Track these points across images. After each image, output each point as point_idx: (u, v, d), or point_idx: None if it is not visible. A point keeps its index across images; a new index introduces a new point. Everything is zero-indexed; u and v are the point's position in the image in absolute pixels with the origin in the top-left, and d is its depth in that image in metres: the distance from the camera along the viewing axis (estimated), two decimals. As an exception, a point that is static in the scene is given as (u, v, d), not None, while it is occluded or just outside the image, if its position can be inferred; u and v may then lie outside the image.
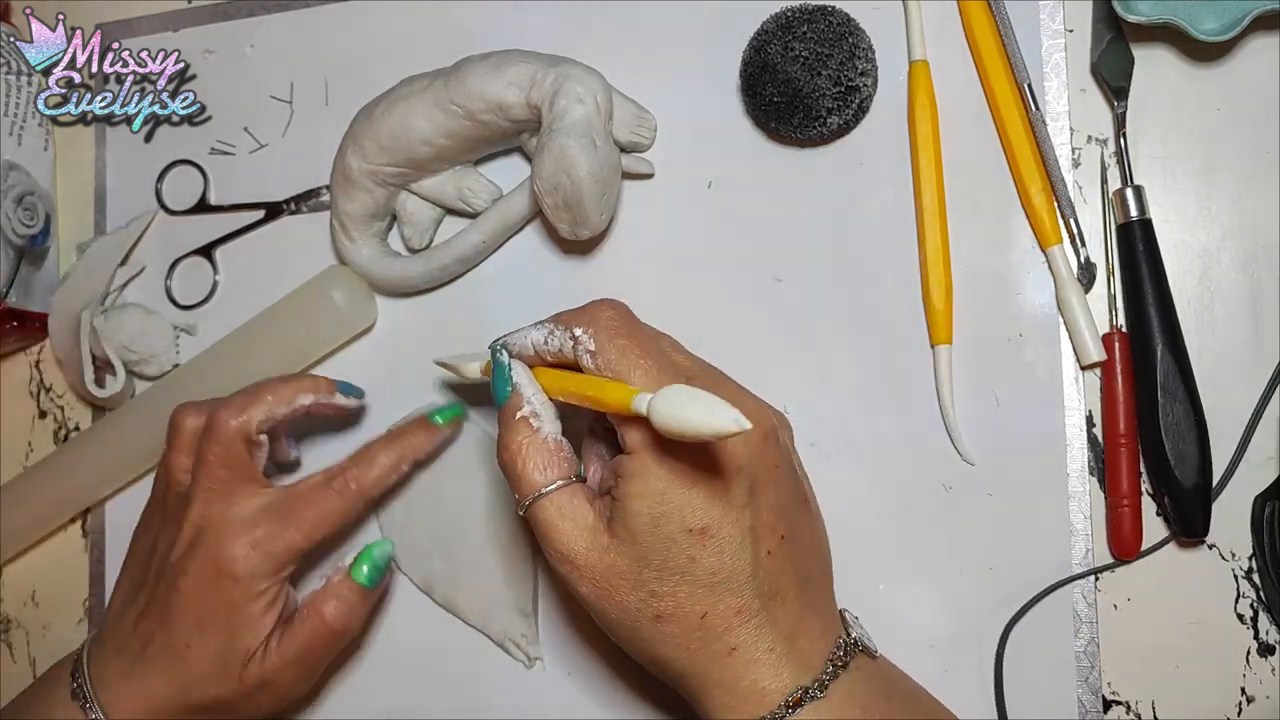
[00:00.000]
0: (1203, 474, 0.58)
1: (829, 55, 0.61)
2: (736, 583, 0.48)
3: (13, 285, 0.76)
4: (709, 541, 0.48)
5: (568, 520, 0.50)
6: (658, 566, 0.48)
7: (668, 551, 0.48)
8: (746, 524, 0.48)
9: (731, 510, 0.48)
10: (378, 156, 0.67)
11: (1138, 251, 0.60)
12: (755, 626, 0.49)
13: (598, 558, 0.49)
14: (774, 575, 0.50)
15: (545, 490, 0.51)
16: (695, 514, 0.48)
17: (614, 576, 0.49)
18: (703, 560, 0.48)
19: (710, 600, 0.49)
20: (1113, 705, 0.60)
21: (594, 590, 0.50)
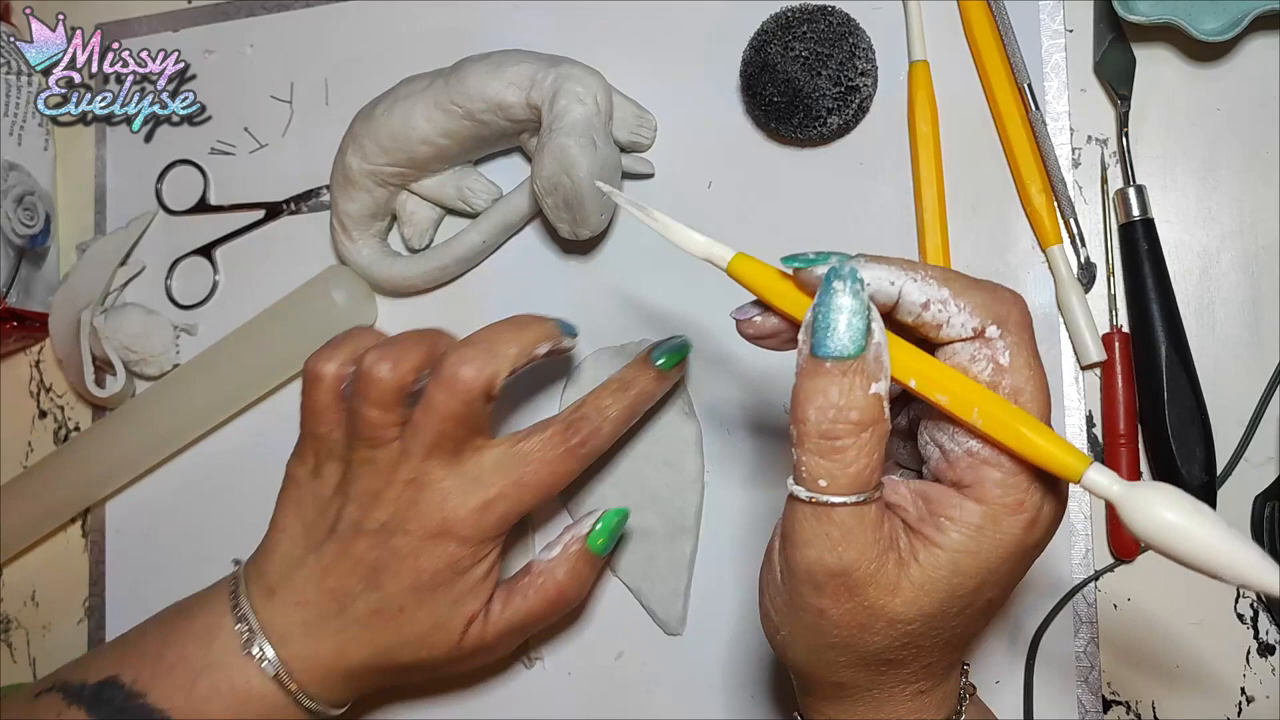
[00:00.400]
0: (1208, 472, 0.58)
1: (829, 55, 0.61)
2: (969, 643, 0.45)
3: (13, 285, 0.76)
4: (989, 613, 0.43)
5: (871, 535, 0.41)
6: (936, 625, 0.42)
7: (959, 615, 0.42)
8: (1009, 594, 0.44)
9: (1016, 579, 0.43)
10: (378, 156, 0.67)
11: (1140, 251, 0.60)
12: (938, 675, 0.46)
13: (879, 591, 0.41)
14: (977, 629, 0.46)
15: (868, 496, 0.40)
16: (1002, 587, 0.42)
17: (883, 616, 0.41)
18: (975, 627, 0.44)
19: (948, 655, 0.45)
20: (1113, 705, 0.60)
21: (849, 620, 0.42)
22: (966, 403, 0.40)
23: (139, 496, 0.76)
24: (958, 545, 0.40)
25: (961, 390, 0.40)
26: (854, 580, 0.41)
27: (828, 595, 0.41)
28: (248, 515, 0.74)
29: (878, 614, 0.41)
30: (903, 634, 0.42)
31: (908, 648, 0.42)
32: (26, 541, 0.78)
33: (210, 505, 0.75)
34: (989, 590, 0.41)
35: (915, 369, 0.41)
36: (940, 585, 0.41)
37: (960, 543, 0.40)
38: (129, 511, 0.77)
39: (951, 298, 0.41)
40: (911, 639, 0.42)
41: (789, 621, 0.44)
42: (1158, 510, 0.37)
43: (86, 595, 0.78)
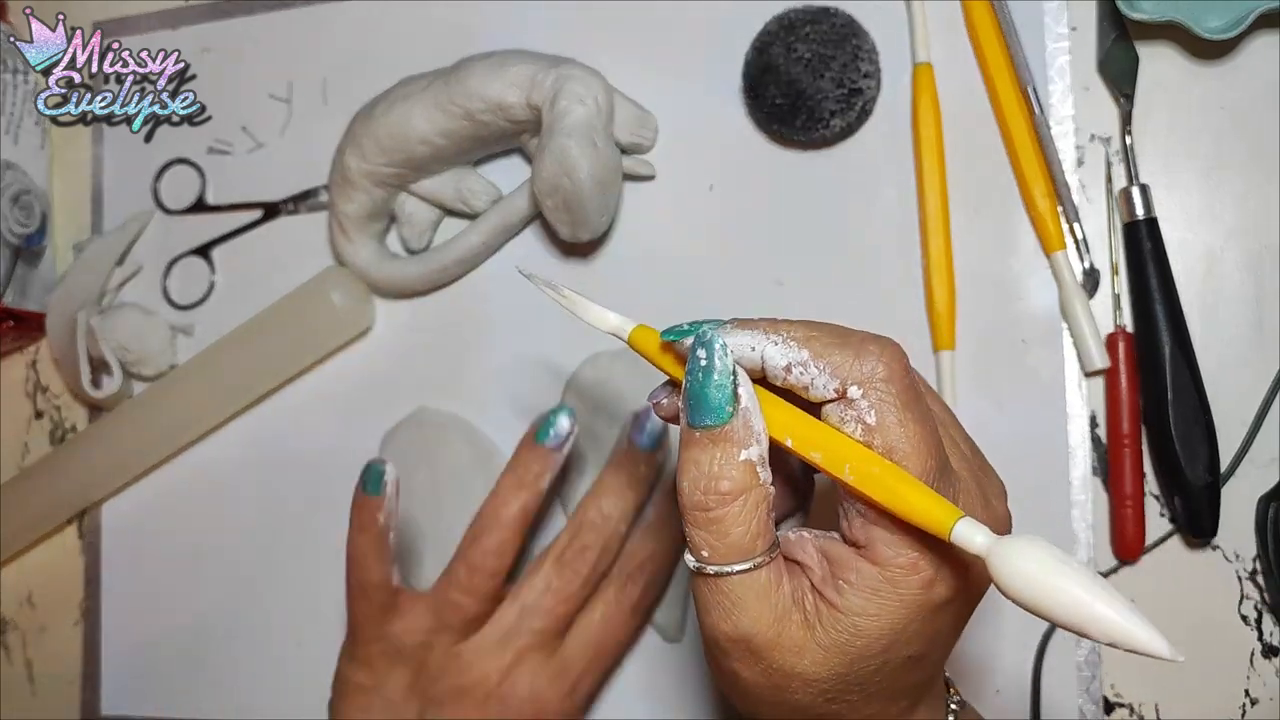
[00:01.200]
0: (1212, 473, 0.58)
1: (832, 57, 0.61)
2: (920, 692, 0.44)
3: (9, 285, 0.75)
4: (920, 665, 0.42)
5: (764, 602, 0.40)
6: (855, 681, 0.40)
7: (878, 672, 0.40)
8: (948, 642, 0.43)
9: (942, 632, 0.42)
10: (376, 157, 0.66)
11: (1144, 250, 0.60)
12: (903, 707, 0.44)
13: (784, 654, 0.40)
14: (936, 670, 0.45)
15: (754, 563, 0.40)
16: (920, 643, 0.40)
17: (795, 678, 0.40)
18: (904, 680, 0.42)
19: (887, 707, 0.43)
20: (1116, 707, 0.60)
21: (764, 681, 0.41)
22: (839, 459, 0.39)
23: (136, 498, 0.76)
24: (857, 609, 0.39)
25: (835, 447, 0.39)
26: (755, 645, 0.40)
27: (735, 659, 0.41)
28: (244, 517, 0.74)
29: (790, 675, 0.40)
30: (823, 691, 0.41)
31: (837, 701, 0.41)
32: (23, 543, 0.78)
33: (207, 507, 0.75)
34: (904, 649, 0.40)
35: (791, 427, 0.40)
36: (846, 647, 0.39)
37: (859, 606, 0.39)
38: (125, 513, 0.77)
39: (811, 360, 0.39)
40: (837, 694, 0.41)
41: (718, 680, 0.44)
42: (1021, 564, 0.34)
43: (83, 597, 0.78)
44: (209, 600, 0.74)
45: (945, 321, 0.62)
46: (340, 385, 0.73)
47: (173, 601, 0.75)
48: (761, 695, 0.42)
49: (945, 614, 0.40)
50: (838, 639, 0.39)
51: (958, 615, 0.42)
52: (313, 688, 0.71)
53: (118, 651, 0.75)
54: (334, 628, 0.71)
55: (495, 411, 0.70)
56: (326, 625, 0.71)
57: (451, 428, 0.69)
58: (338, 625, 0.71)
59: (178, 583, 0.75)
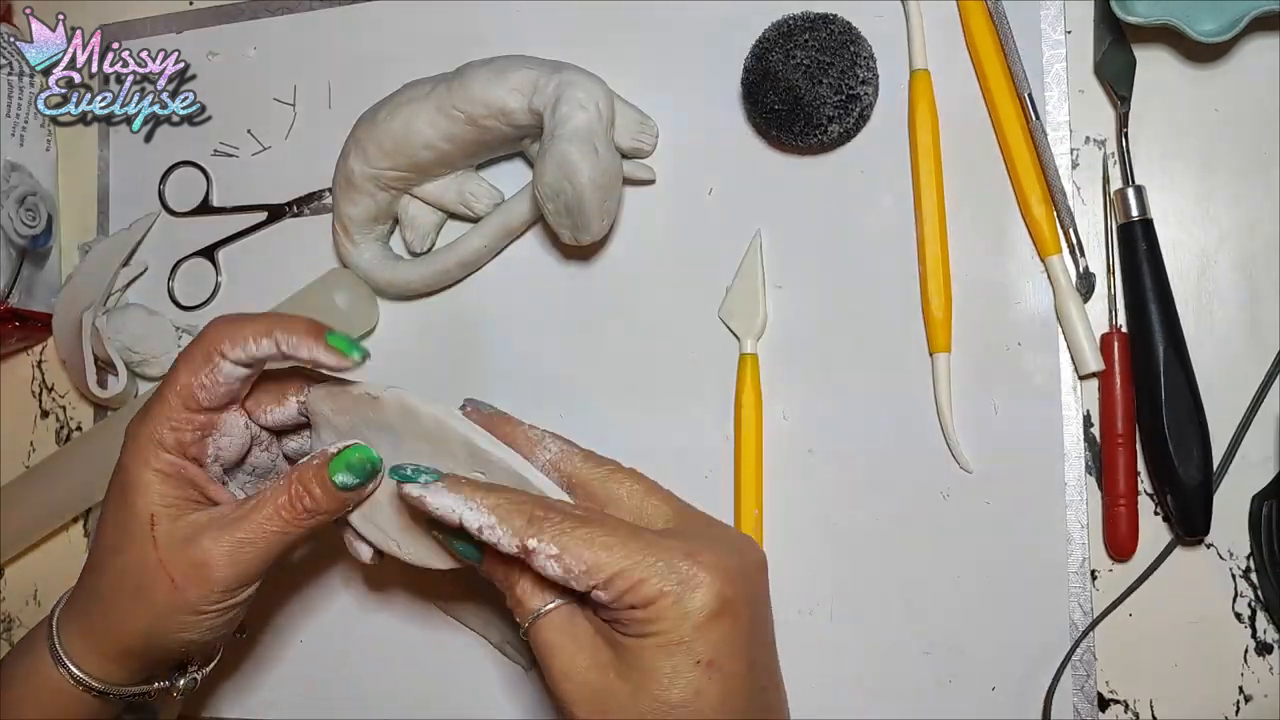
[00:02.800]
0: (1204, 472, 0.58)
1: (830, 64, 0.61)
2: (735, 715, 0.47)
3: (15, 285, 0.76)
4: (715, 674, 0.46)
5: (568, 638, 0.48)
6: (659, 696, 0.46)
7: (672, 681, 0.46)
8: (750, 656, 0.47)
9: (738, 643, 0.47)
10: (380, 160, 0.67)
11: (1139, 251, 0.60)
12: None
13: (597, 677, 0.47)
14: (767, 710, 0.49)
15: (545, 610, 0.49)
16: (704, 645, 0.46)
17: (612, 701, 0.47)
18: (708, 693, 0.46)
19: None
20: (1111, 704, 0.61)
21: (591, 711, 0.48)
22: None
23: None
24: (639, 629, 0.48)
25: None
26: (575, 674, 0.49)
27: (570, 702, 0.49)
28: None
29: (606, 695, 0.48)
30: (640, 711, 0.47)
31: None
32: (28, 541, 0.79)
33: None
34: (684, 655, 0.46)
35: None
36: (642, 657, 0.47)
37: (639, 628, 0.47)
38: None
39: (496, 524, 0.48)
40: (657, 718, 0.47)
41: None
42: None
43: (89, 595, 0.78)
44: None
45: (941, 325, 0.63)
46: (344, 386, 0.73)
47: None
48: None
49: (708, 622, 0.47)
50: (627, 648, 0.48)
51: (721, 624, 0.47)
52: (313, 686, 0.72)
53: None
54: (334, 626, 0.72)
55: (497, 412, 0.70)
56: (327, 624, 0.72)
57: (454, 428, 0.70)
58: (338, 624, 0.72)
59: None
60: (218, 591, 0.54)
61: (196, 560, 0.54)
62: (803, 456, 0.64)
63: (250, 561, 0.55)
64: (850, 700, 0.63)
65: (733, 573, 0.47)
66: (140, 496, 0.55)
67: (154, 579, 0.54)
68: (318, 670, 0.72)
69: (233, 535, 0.54)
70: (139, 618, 0.55)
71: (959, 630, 0.62)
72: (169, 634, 0.56)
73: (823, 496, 0.64)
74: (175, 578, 0.54)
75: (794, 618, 0.63)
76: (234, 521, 0.54)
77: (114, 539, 0.56)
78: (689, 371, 0.67)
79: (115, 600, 0.56)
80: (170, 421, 0.55)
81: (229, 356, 0.55)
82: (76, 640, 0.57)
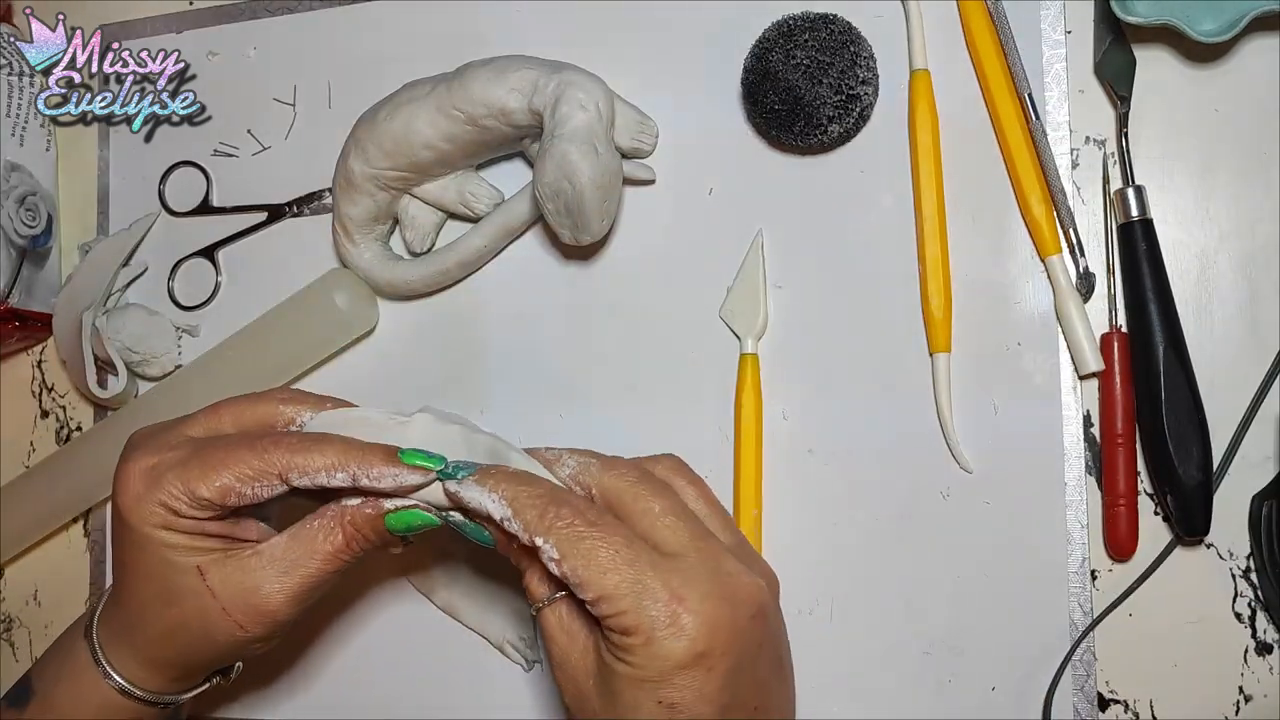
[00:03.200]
0: (1204, 472, 0.58)
1: (830, 64, 0.61)
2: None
3: (15, 285, 0.76)
4: (677, 716, 0.47)
5: (566, 633, 0.50)
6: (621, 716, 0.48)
7: (636, 710, 0.47)
8: (723, 702, 0.47)
9: (708, 691, 0.47)
10: (380, 160, 0.67)
11: (1139, 251, 0.60)
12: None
13: (581, 679, 0.50)
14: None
15: (551, 600, 0.51)
16: (668, 693, 0.47)
17: (587, 706, 0.50)
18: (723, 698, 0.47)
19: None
20: (1111, 704, 0.61)
21: (574, 706, 0.51)
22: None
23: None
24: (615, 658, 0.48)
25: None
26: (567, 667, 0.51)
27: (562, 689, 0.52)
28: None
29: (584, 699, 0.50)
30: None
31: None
32: (28, 541, 0.79)
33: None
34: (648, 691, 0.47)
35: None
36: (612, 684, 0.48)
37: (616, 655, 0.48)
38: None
39: (512, 516, 0.50)
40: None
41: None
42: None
43: (88, 595, 0.78)
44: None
45: (941, 325, 0.63)
46: (343, 386, 0.72)
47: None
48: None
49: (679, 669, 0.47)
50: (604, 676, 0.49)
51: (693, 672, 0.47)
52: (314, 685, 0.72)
53: (124, 649, 0.76)
54: (335, 626, 0.72)
55: (496, 412, 0.70)
56: (327, 623, 0.72)
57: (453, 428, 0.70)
58: (338, 623, 0.72)
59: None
60: (282, 626, 0.56)
61: (261, 608, 0.55)
62: (803, 456, 0.64)
63: (309, 597, 0.56)
64: (850, 700, 0.63)
65: (719, 625, 0.47)
66: (176, 554, 0.54)
67: (218, 624, 0.55)
68: (318, 671, 0.72)
69: (293, 579, 0.55)
70: (203, 650, 0.57)
71: (959, 630, 0.62)
72: (228, 659, 0.59)
73: (823, 496, 0.64)
74: (242, 623, 0.55)
75: (794, 617, 0.63)
76: (292, 566, 0.55)
77: (158, 590, 0.55)
78: (689, 371, 0.67)
79: (174, 638, 0.56)
80: (184, 500, 0.53)
81: (294, 484, 0.53)
82: (113, 649, 0.58)
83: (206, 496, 0.53)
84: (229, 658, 0.59)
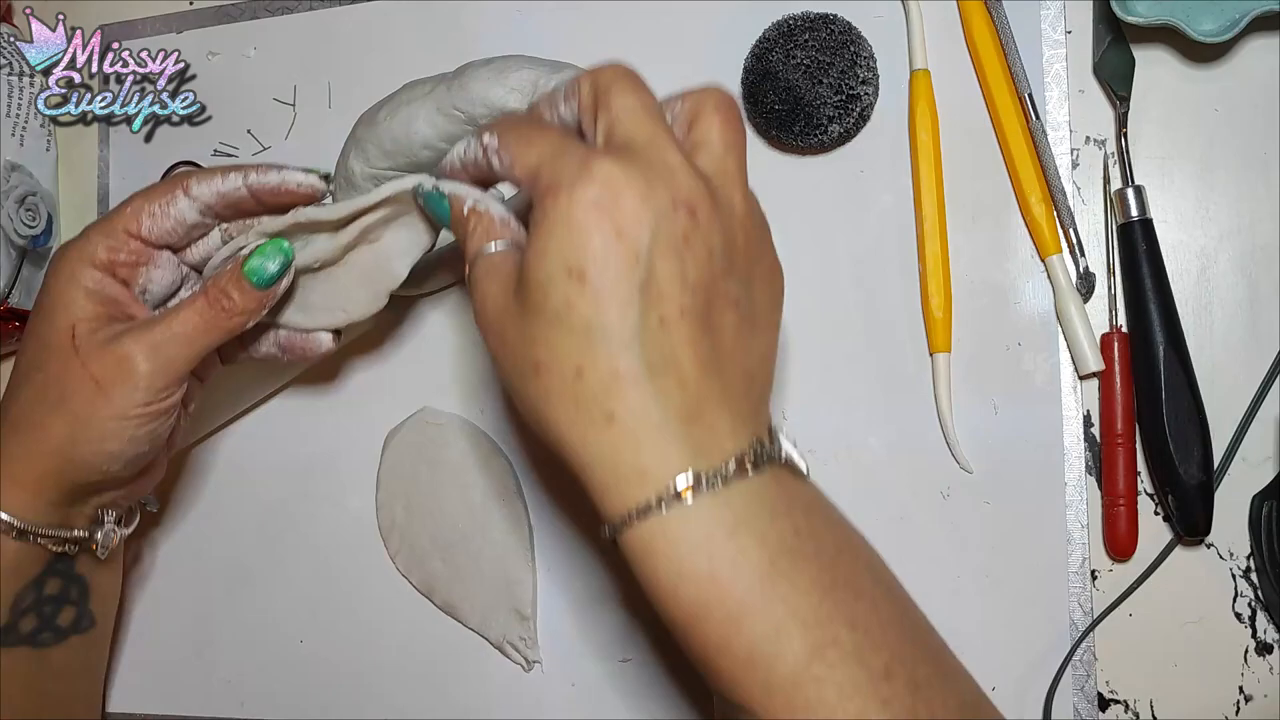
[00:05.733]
0: (1205, 471, 0.59)
1: (830, 64, 0.61)
2: (615, 341, 0.43)
3: (15, 285, 0.76)
4: (586, 287, 0.43)
5: (491, 278, 0.48)
6: (536, 308, 0.44)
7: (546, 292, 0.44)
8: (635, 281, 0.43)
9: (616, 261, 0.43)
10: (380, 160, 0.67)
11: (1139, 251, 0.61)
12: (638, 397, 0.43)
13: (502, 304, 0.47)
14: (665, 347, 0.44)
15: (485, 252, 0.50)
16: (577, 254, 0.43)
17: (507, 320, 0.46)
18: (579, 306, 0.43)
19: (586, 354, 0.44)
20: (1111, 704, 0.61)
21: (494, 341, 0.48)
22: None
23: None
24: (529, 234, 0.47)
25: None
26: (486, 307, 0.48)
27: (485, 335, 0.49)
28: (247, 517, 0.75)
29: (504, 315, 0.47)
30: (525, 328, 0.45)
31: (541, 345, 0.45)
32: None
33: (209, 507, 0.76)
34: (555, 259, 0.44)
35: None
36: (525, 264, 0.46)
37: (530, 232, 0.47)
38: (132, 512, 0.77)
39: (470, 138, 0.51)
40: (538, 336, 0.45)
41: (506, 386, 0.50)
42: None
43: (90, 595, 0.78)
44: (212, 598, 0.75)
45: (941, 325, 0.63)
46: (344, 386, 0.73)
47: (175, 600, 0.75)
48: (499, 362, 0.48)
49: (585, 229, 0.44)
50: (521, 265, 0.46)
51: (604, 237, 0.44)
52: (314, 685, 0.72)
53: (123, 649, 0.76)
54: (334, 627, 0.72)
55: (496, 412, 0.70)
56: (326, 625, 0.72)
57: (454, 428, 0.70)
58: (338, 623, 0.72)
59: (180, 582, 0.76)
60: (141, 389, 0.55)
61: (119, 356, 0.55)
62: (803, 456, 0.64)
63: (172, 359, 0.56)
64: (850, 700, 0.63)
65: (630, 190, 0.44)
66: (63, 311, 0.56)
67: (76, 384, 0.55)
68: (317, 670, 0.72)
69: (154, 334, 0.56)
70: (60, 428, 0.56)
71: (959, 630, 0.61)
72: (91, 444, 0.56)
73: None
74: (98, 378, 0.55)
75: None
76: (155, 323, 0.56)
77: (33, 357, 0.57)
78: (689, 371, 0.67)
79: (34, 416, 0.56)
80: (107, 241, 0.57)
81: (191, 191, 0.57)
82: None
83: (119, 225, 0.57)
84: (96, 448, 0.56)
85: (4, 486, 0.57)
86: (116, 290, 0.57)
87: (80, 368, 0.55)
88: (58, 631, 0.62)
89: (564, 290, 0.43)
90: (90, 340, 0.55)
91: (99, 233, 0.57)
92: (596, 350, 0.43)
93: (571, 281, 0.43)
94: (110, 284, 0.57)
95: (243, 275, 0.56)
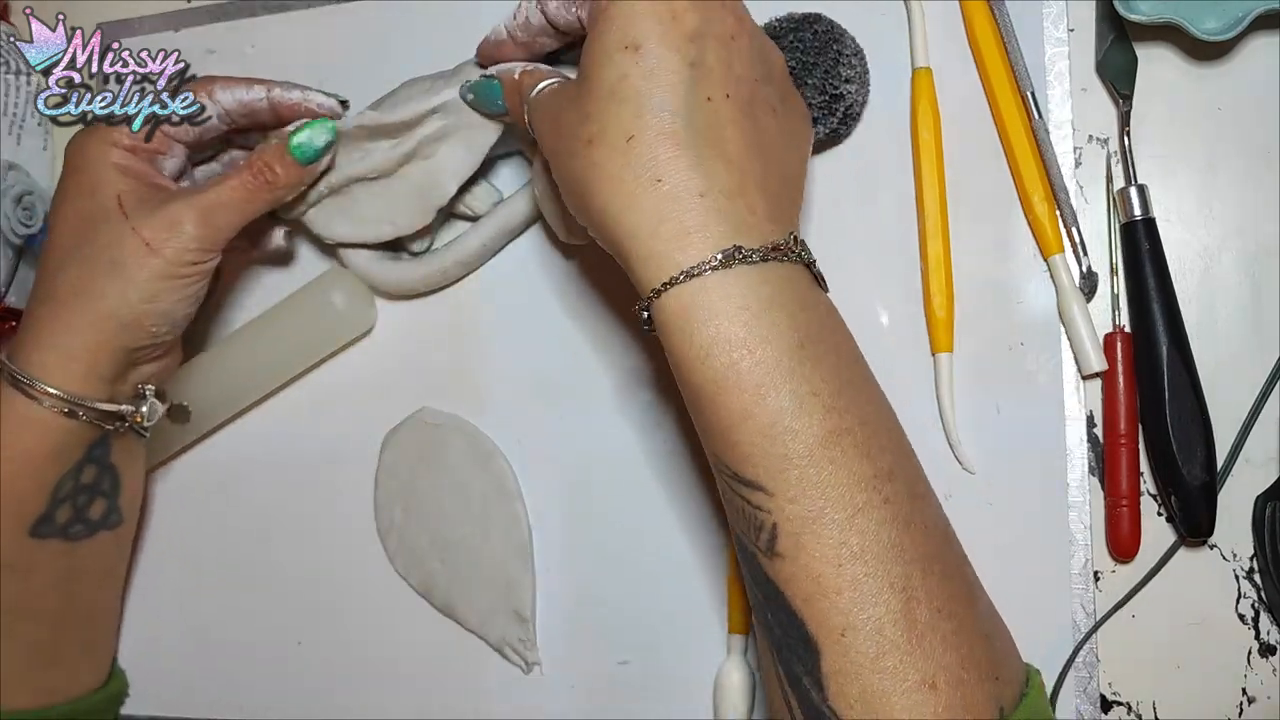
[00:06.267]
0: (1208, 472, 0.58)
1: (814, 64, 0.61)
2: (666, 109, 0.46)
3: (11, 284, 0.76)
4: (640, 57, 0.46)
5: (551, 96, 0.53)
6: (592, 86, 0.47)
7: (602, 66, 0.47)
8: (687, 58, 0.46)
9: (670, 37, 0.46)
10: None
11: (1142, 251, 0.60)
12: (685, 164, 0.46)
13: (558, 103, 0.51)
14: (713, 122, 0.47)
15: (540, 88, 0.53)
16: (634, 30, 0.47)
17: (563, 104, 0.50)
18: (632, 77, 0.46)
19: (637, 122, 0.46)
20: (1114, 705, 0.61)
21: (548, 127, 0.51)
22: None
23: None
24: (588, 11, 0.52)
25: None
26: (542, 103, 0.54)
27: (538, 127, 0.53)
28: (246, 517, 0.74)
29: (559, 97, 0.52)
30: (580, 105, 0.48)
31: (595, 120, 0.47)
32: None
33: (209, 507, 0.75)
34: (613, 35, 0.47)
35: None
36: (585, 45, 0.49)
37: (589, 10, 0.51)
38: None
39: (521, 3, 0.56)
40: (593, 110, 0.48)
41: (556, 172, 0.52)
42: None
43: (87, 596, 0.78)
44: (213, 599, 0.75)
45: (944, 324, 0.62)
46: (342, 386, 0.73)
47: (177, 601, 0.75)
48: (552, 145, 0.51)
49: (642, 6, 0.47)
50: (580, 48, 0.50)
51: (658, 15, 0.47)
52: (312, 686, 0.72)
53: (124, 650, 0.76)
54: (334, 627, 0.72)
55: (495, 412, 0.70)
56: (326, 625, 0.72)
57: (452, 428, 0.70)
58: (337, 625, 0.72)
59: (181, 582, 0.75)
60: (191, 250, 0.60)
61: (169, 220, 0.59)
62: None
63: (217, 223, 0.61)
64: (851, 702, 0.63)
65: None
66: (105, 185, 0.60)
67: (131, 247, 0.59)
68: (317, 671, 0.72)
69: (202, 199, 0.60)
70: (115, 291, 0.59)
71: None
72: (144, 303, 0.59)
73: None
74: (149, 240, 0.59)
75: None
76: (201, 191, 0.61)
77: (76, 233, 0.61)
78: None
79: (87, 285, 0.59)
80: (130, 134, 0.62)
81: (215, 95, 0.63)
82: (36, 355, 0.60)
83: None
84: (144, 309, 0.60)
85: (57, 361, 0.59)
86: (144, 167, 0.62)
87: (132, 232, 0.59)
88: (89, 524, 0.64)
89: (620, 63, 0.46)
90: (139, 208, 0.60)
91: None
92: (646, 118, 0.46)
93: (627, 54, 0.46)
94: (136, 161, 0.62)
95: (287, 151, 0.62)
